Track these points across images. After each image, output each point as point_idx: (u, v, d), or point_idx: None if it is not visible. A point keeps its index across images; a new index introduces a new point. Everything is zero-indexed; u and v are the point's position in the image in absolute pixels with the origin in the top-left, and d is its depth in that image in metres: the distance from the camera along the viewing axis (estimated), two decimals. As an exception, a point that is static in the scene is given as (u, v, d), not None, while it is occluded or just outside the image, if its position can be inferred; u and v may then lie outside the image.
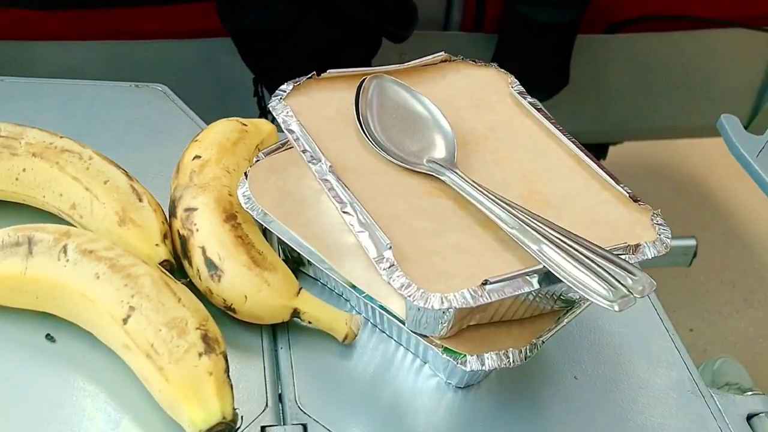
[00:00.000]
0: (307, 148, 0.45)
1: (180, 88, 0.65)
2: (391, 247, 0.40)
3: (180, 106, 0.61)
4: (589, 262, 0.39)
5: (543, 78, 1.25)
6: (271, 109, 0.47)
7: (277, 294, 0.47)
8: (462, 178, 0.45)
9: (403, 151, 0.47)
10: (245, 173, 0.49)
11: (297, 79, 0.49)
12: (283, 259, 0.50)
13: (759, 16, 1.22)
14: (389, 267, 0.39)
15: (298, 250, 0.47)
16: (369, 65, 1.15)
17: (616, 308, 0.37)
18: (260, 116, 1.11)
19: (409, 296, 0.38)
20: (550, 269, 0.39)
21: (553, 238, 0.40)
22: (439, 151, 0.47)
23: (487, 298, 0.38)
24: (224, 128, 0.54)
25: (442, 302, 0.38)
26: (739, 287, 1.67)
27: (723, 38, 1.26)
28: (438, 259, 0.40)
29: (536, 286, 0.40)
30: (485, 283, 0.39)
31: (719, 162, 1.83)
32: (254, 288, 0.47)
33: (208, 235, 0.47)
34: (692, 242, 1.49)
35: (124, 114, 0.59)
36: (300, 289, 0.48)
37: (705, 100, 1.31)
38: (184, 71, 1.14)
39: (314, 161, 0.44)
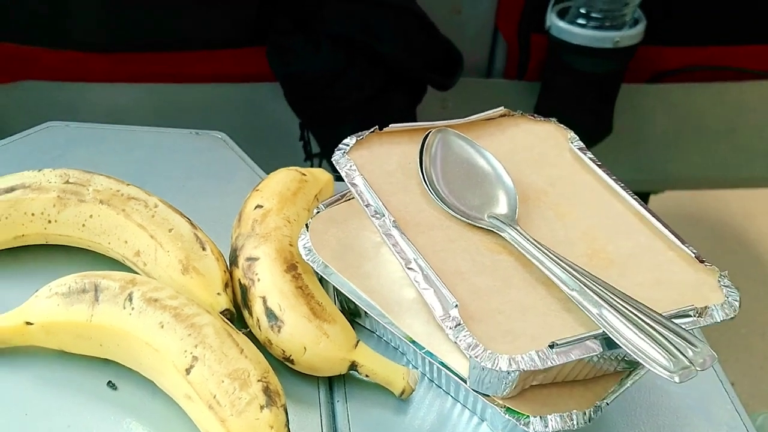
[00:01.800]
0: (371, 202, 0.45)
1: (228, 131, 0.66)
2: (457, 306, 0.40)
3: (239, 154, 0.61)
4: (650, 329, 0.39)
5: (586, 126, 1.25)
6: (334, 162, 0.48)
7: (336, 346, 0.47)
8: (523, 235, 0.45)
9: (465, 205, 0.47)
10: (306, 225, 0.49)
11: (360, 133, 0.49)
12: (339, 311, 0.50)
13: (806, 68, 1.22)
14: (456, 326, 0.39)
15: (358, 303, 0.47)
16: (413, 113, 1.16)
17: (677, 380, 0.37)
18: (305, 160, 1.12)
19: (476, 357, 0.38)
20: (609, 335, 0.38)
21: (613, 302, 0.40)
22: (501, 207, 0.47)
23: (554, 360, 0.38)
24: (285, 178, 0.54)
25: (510, 364, 0.38)
26: (781, 341, 1.64)
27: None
28: (503, 318, 0.40)
29: (602, 349, 0.39)
30: (552, 345, 0.38)
31: (759, 212, 1.81)
32: (314, 340, 0.47)
33: (269, 286, 0.48)
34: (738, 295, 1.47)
35: (184, 161, 0.60)
36: (358, 341, 0.48)
37: (748, 151, 1.30)
38: (232, 115, 1.16)
39: (378, 215, 0.45)
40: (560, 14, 1.15)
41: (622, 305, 0.40)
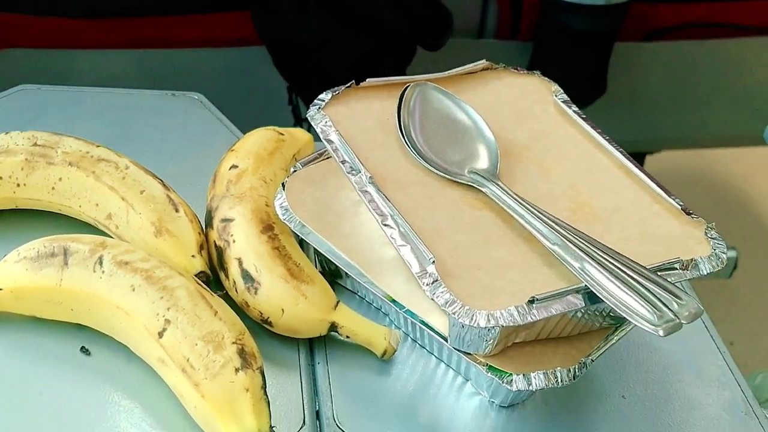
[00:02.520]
0: (346, 158, 0.44)
1: (215, 97, 0.64)
2: (434, 262, 0.38)
3: (216, 115, 0.60)
4: (634, 283, 0.37)
5: (579, 86, 1.23)
6: (309, 118, 0.46)
7: (315, 307, 0.46)
8: (504, 190, 0.43)
9: (445, 161, 0.45)
10: (283, 184, 0.47)
11: (335, 88, 0.48)
12: (319, 271, 0.49)
13: (804, 23, 1.20)
14: (432, 282, 0.38)
15: (336, 263, 0.46)
16: (403, 74, 1.14)
17: (661, 333, 0.36)
18: (295, 125, 1.10)
19: (454, 313, 0.37)
20: (592, 288, 0.37)
21: (596, 256, 0.39)
22: (482, 162, 0.46)
23: (534, 316, 0.37)
24: (261, 138, 0.53)
25: (488, 320, 0.36)
26: (780, 300, 1.63)
27: (764, 46, 1.23)
28: (482, 275, 0.39)
29: (584, 304, 0.38)
30: (532, 300, 0.37)
31: (759, 171, 1.80)
32: (291, 301, 0.45)
33: (244, 247, 0.46)
34: (733, 254, 1.46)
35: (160, 123, 0.59)
36: (338, 302, 0.47)
37: (745, 109, 1.28)
38: (219, 80, 1.14)
39: (353, 172, 0.43)
40: (552, -29, 1.12)
41: (605, 259, 0.39)
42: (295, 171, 0.49)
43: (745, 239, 1.71)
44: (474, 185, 0.44)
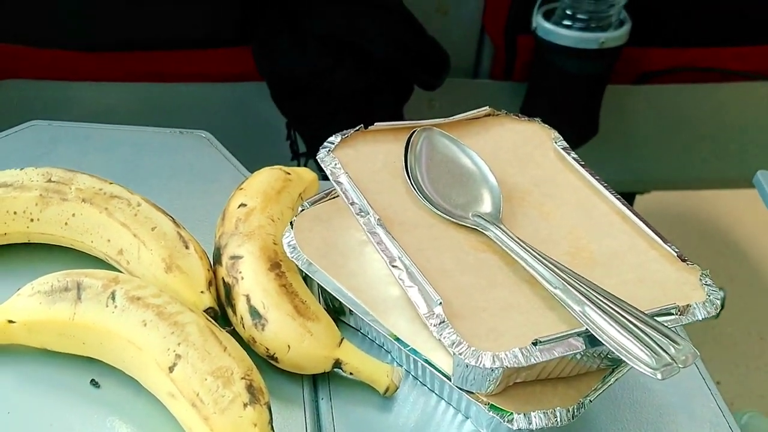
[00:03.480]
0: (356, 200, 0.45)
1: (214, 130, 0.66)
2: (441, 303, 0.40)
3: (223, 153, 0.61)
4: (633, 327, 0.39)
5: (572, 126, 1.26)
6: (319, 161, 0.48)
7: (320, 344, 0.47)
8: (506, 234, 0.45)
9: (450, 204, 0.47)
10: (291, 223, 0.49)
11: (345, 131, 0.49)
12: (324, 309, 0.50)
13: (791, 69, 1.23)
14: (440, 323, 0.39)
15: (342, 301, 0.47)
16: (400, 112, 1.16)
17: (659, 376, 0.37)
18: (292, 160, 1.12)
19: (460, 354, 0.38)
20: (592, 332, 0.39)
21: (596, 300, 0.40)
22: (486, 206, 0.47)
23: (538, 357, 0.38)
24: (269, 177, 0.54)
25: (494, 361, 0.38)
26: (767, 340, 1.65)
27: (754, 91, 1.26)
28: (487, 316, 0.40)
29: (585, 347, 0.39)
30: (536, 342, 0.38)
31: (747, 213, 1.82)
32: (297, 338, 0.47)
33: (252, 284, 0.47)
34: (721, 294, 1.48)
35: (169, 160, 0.60)
36: (342, 339, 0.48)
37: (735, 152, 1.31)
38: (218, 114, 1.15)
39: (362, 214, 0.45)
40: (546, 15, 1.15)
41: (604, 303, 0.40)
42: (302, 210, 0.50)
43: (732, 279, 1.73)
44: (478, 228, 0.46)
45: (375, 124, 0.50)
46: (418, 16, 1.09)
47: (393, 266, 0.42)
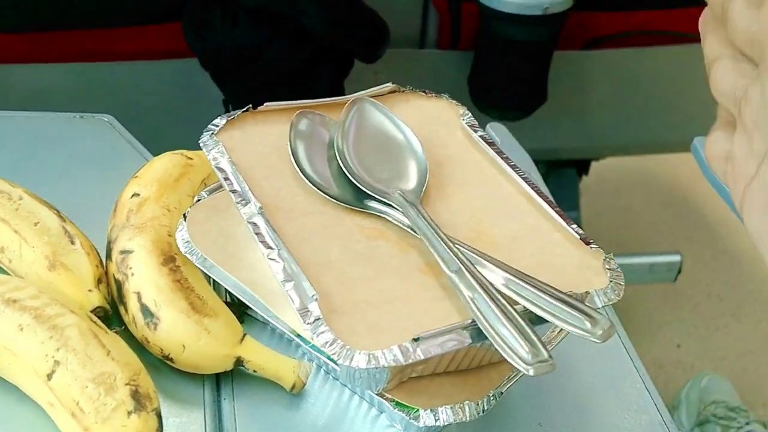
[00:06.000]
0: (237, 187, 0.42)
1: (146, 112, 0.62)
2: (317, 299, 0.37)
3: (127, 138, 0.58)
4: (518, 320, 0.36)
5: (520, 95, 1.23)
6: (201, 145, 0.44)
7: (218, 342, 0.44)
8: (419, 213, 0.42)
9: (373, 178, 0.44)
10: (184, 215, 0.46)
11: (231, 113, 0.46)
12: (229, 302, 0.47)
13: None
14: (314, 321, 0.36)
15: (240, 297, 0.44)
16: (341, 85, 1.12)
17: (531, 372, 0.34)
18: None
19: (333, 354, 0.35)
20: (478, 323, 0.36)
21: (489, 288, 0.37)
22: (410, 182, 0.44)
23: (419, 355, 0.35)
24: (167, 163, 0.51)
25: (369, 360, 0.35)
26: (726, 301, 1.65)
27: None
28: (370, 310, 0.37)
29: (470, 341, 0.36)
30: (417, 339, 0.35)
31: (702, 175, 1.81)
32: (193, 336, 0.44)
33: (143, 280, 0.44)
34: (677, 258, 1.47)
35: (66, 148, 0.56)
36: (244, 335, 0.45)
37: (686, 115, 1.29)
38: (156, 93, 1.12)
39: (244, 202, 0.41)
40: (489, -18, 1.12)
41: (494, 291, 0.37)
42: (199, 200, 0.47)
43: (691, 242, 1.72)
44: (373, 213, 0.43)
45: (265, 104, 0.46)
46: (360, -15, 1.05)
47: (270, 259, 0.39)
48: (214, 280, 0.46)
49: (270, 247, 0.39)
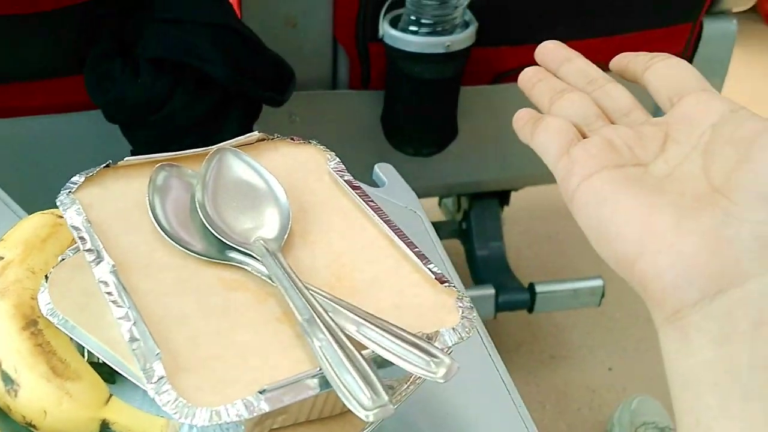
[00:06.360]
0: (91, 246, 0.42)
1: (48, 167, 0.61)
2: (160, 357, 0.37)
3: (1, 198, 0.57)
4: (365, 365, 0.36)
5: (431, 132, 1.25)
6: (58, 204, 0.44)
7: (81, 405, 0.43)
8: (279, 264, 0.42)
9: (232, 230, 0.44)
10: (46, 276, 0.45)
11: (89, 170, 0.46)
12: (99, 363, 0.46)
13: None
14: (157, 380, 0.36)
15: (104, 359, 0.44)
16: (250, 129, 1.13)
17: (371, 418, 0.34)
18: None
19: (174, 412, 0.35)
20: (323, 369, 0.36)
21: (338, 333, 0.38)
22: (271, 230, 0.44)
23: (264, 407, 0.35)
24: (35, 224, 0.50)
25: (212, 417, 0.35)
26: (653, 322, 1.68)
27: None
28: (220, 365, 0.37)
29: (317, 389, 0.37)
30: (263, 391, 0.36)
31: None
32: (54, 401, 0.43)
33: (3, 346, 0.44)
34: (599, 282, 1.50)
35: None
36: (110, 396, 0.45)
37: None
38: (61, 149, 1.10)
39: (97, 261, 0.41)
40: (393, 22, 1.14)
41: (342, 338, 0.37)
42: (63, 259, 0.47)
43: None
44: (233, 264, 0.43)
45: (125, 159, 0.46)
46: (266, 30, 1.06)
47: (119, 318, 0.39)
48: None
49: (120, 306, 0.39)
